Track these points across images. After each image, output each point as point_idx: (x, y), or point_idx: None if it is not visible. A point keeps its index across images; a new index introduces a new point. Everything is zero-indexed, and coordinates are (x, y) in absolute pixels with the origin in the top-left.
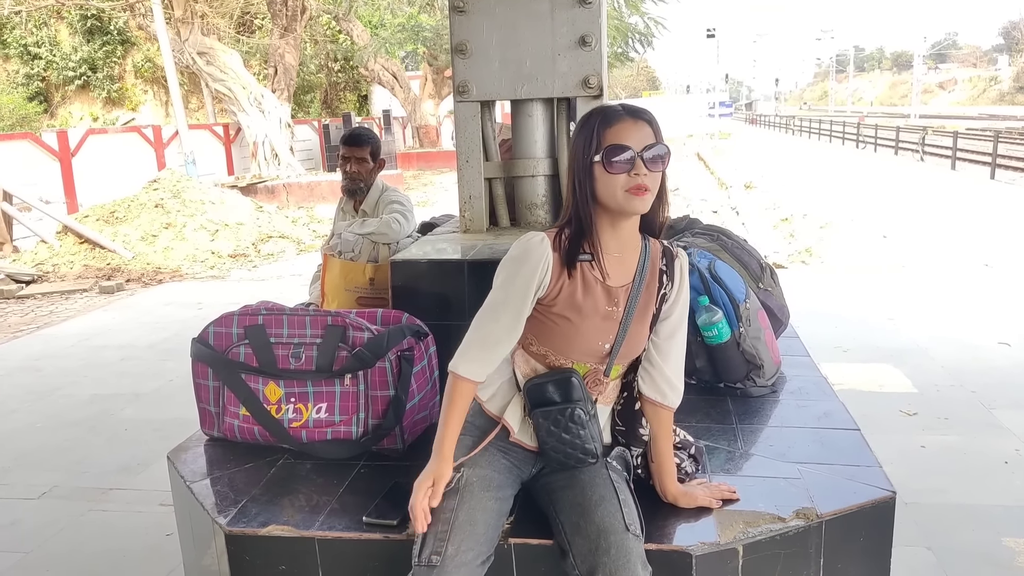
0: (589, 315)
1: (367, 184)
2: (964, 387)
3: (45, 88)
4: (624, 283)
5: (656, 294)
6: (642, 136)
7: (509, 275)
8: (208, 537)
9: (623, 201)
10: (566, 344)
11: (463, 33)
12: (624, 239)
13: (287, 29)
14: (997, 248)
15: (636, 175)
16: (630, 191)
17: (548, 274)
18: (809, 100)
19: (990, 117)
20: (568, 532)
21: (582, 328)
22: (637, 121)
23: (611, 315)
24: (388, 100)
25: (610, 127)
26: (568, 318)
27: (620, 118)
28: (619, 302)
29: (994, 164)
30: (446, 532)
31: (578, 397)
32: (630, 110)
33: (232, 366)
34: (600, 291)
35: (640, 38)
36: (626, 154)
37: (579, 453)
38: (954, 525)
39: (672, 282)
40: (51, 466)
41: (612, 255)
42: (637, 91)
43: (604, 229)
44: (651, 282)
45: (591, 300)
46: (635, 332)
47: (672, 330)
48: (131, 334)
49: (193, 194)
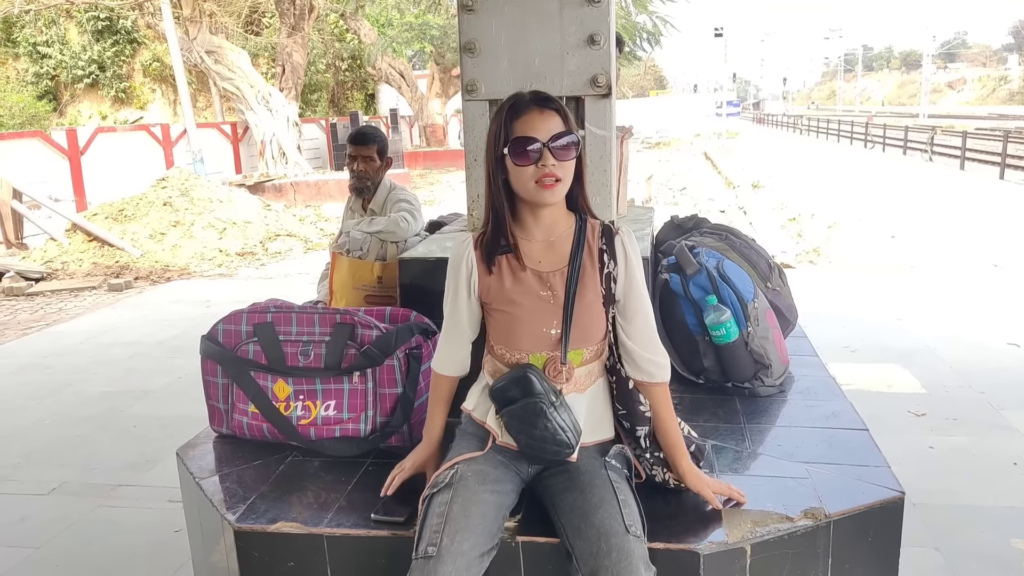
0: (523, 303)
1: (374, 183)
2: (973, 388)
3: (54, 87)
4: (558, 267)
5: (600, 274)
6: (550, 126)
7: (447, 280)
8: (217, 533)
9: (534, 193)
10: (511, 336)
11: (471, 32)
12: (548, 225)
13: (295, 28)
14: (1006, 248)
15: (543, 166)
16: (539, 182)
17: (474, 272)
18: (817, 99)
19: (1000, 117)
20: (570, 535)
21: (520, 317)
22: (544, 111)
23: (547, 299)
24: (395, 99)
25: (517, 118)
26: (505, 310)
27: (527, 109)
28: (554, 286)
29: (1003, 164)
30: (441, 524)
31: (538, 391)
32: (538, 99)
33: (241, 363)
34: (531, 278)
35: (648, 37)
36: (533, 145)
37: (552, 446)
38: (962, 526)
39: (615, 260)
40: (60, 462)
41: (538, 241)
42: (644, 90)
43: (526, 217)
44: (591, 263)
45: (521, 288)
46: (584, 315)
47: (633, 311)
48: (140, 331)
49: (201, 192)
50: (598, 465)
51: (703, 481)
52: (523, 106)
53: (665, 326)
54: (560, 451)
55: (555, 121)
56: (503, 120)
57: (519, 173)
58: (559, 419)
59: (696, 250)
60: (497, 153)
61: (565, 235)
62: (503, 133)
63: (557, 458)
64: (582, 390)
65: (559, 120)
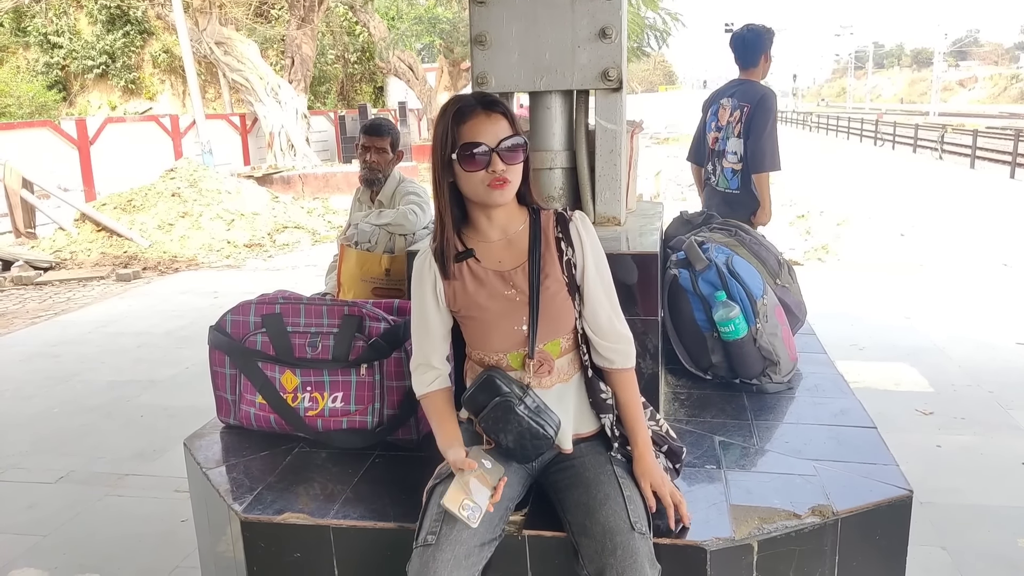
0: (489, 306)
1: (385, 174)
2: (981, 387)
3: (64, 77)
4: (519, 263)
5: (560, 263)
6: (497, 130)
7: (412, 298)
8: (223, 524)
9: (484, 195)
10: (485, 339)
11: (483, 24)
12: (502, 223)
13: (304, 20)
14: (1016, 248)
15: (493, 171)
16: (491, 185)
17: (438, 283)
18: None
19: (1011, 115)
20: (575, 532)
21: (488, 320)
22: (491, 115)
23: (512, 298)
24: (404, 92)
25: (464, 123)
26: (474, 316)
27: (473, 113)
28: (517, 283)
29: (1014, 163)
30: (442, 514)
31: (504, 391)
32: (484, 102)
33: (249, 354)
34: (493, 278)
35: (657, 34)
36: (481, 149)
37: (532, 440)
38: (969, 525)
39: (572, 246)
40: (68, 451)
41: (495, 241)
42: (654, 85)
43: (479, 218)
44: (549, 253)
45: (485, 291)
46: (551, 307)
47: (588, 295)
48: (147, 321)
49: (209, 183)
50: (603, 460)
51: (650, 474)
52: (469, 110)
53: (674, 322)
54: (541, 444)
55: (502, 124)
56: (449, 124)
57: (468, 178)
58: (531, 413)
59: (705, 246)
60: (444, 158)
61: (521, 231)
62: (450, 138)
63: (542, 451)
64: (567, 380)
65: (506, 123)
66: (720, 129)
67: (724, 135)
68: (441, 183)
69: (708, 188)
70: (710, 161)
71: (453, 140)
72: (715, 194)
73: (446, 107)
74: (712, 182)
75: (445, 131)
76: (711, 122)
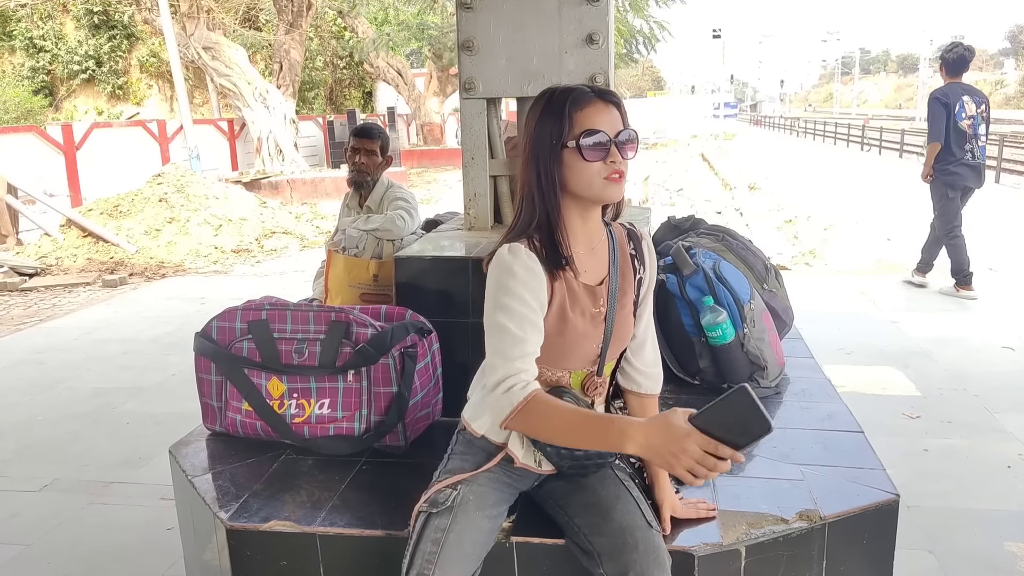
0: (578, 321)
1: (373, 178)
2: (967, 391)
3: (50, 82)
4: (601, 278)
5: (633, 280)
6: (613, 120)
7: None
8: (209, 532)
9: (600, 189)
10: (562, 355)
11: (470, 29)
12: (593, 231)
13: (292, 25)
14: (1002, 252)
15: (612, 162)
16: (608, 178)
17: (544, 284)
18: (814, 102)
19: (996, 121)
20: (587, 533)
21: (574, 336)
22: (608, 104)
23: (597, 316)
24: (393, 97)
25: (582, 109)
26: (559, 330)
27: (591, 100)
28: (601, 300)
29: (999, 168)
30: (435, 554)
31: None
32: (599, 92)
33: (235, 361)
34: (583, 293)
35: (644, 41)
36: (603, 139)
37: (596, 460)
38: (957, 529)
39: (643, 265)
40: (52, 459)
41: (584, 250)
42: (642, 91)
43: (573, 222)
44: (625, 270)
45: (579, 306)
46: (621, 325)
47: (644, 316)
48: (134, 328)
49: (197, 189)
50: (604, 468)
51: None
52: (586, 97)
53: (661, 327)
54: (604, 461)
55: (616, 115)
56: (564, 110)
57: (584, 169)
58: None
59: (693, 251)
60: (555, 147)
61: (603, 242)
62: (566, 125)
63: (599, 470)
64: (602, 399)
65: (619, 115)
66: (971, 118)
67: (975, 122)
68: (550, 174)
69: (964, 165)
70: (968, 142)
71: (569, 127)
72: (976, 167)
73: (553, 94)
74: (968, 160)
75: (558, 117)
76: (960, 112)
